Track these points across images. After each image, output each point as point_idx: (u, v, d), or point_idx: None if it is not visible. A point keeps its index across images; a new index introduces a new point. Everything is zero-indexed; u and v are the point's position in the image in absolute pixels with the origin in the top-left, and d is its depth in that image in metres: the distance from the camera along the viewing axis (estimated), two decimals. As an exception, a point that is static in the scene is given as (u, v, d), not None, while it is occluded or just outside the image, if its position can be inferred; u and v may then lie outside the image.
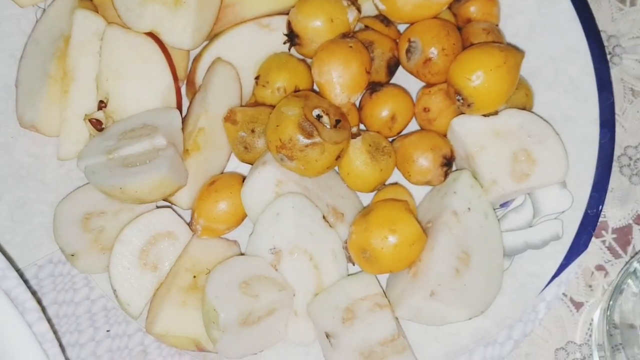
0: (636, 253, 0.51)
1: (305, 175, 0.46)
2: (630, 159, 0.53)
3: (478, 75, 0.46)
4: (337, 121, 0.46)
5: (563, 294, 0.50)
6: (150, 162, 0.45)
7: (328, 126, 0.45)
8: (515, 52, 0.47)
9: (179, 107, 0.51)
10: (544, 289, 0.47)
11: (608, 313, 0.46)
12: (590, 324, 0.50)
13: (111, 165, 0.45)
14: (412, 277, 0.44)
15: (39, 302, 0.45)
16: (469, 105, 0.47)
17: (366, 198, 0.50)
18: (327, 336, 0.43)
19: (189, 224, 0.48)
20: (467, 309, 0.43)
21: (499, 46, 0.47)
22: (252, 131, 0.48)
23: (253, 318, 0.43)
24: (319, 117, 0.45)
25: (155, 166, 0.44)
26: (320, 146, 0.44)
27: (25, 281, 0.45)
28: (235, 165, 0.51)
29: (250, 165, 0.50)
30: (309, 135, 0.44)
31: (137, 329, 0.46)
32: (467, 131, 0.47)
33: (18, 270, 0.45)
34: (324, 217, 0.46)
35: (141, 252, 0.46)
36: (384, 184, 0.50)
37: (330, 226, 0.46)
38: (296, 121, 0.44)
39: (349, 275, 0.47)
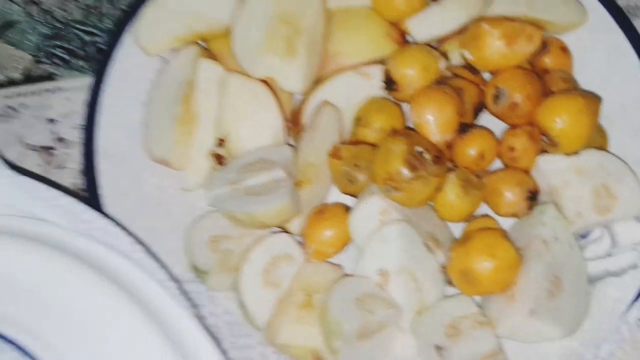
0: None
1: (408, 205, 0.52)
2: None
3: (564, 119, 0.51)
4: (437, 157, 0.51)
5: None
6: (273, 191, 0.51)
7: (429, 161, 0.51)
8: (595, 99, 0.53)
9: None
10: (626, 312, 0.51)
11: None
12: (667, 346, 0.54)
13: (237, 194, 0.51)
14: (509, 299, 0.49)
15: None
16: (554, 145, 0.52)
17: (455, 228, 0.56)
18: (438, 348, 0.47)
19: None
20: (561, 328, 0.48)
21: (581, 93, 0.52)
22: (356, 165, 0.54)
23: (368, 332, 0.48)
24: (420, 153, 0.51)
25: (279, 195, 0.50)
26: (424, 179, 0.50)
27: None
28: (336, 196, 0.57)
29: (349, 196, 0.55)
30: (414, 169, 0.50)
31: (258, 342, 0.51)
32: (552, 168, 0.53)
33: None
34: (424, 243, 0.51)
35: (264, 272, 0.51)
36: (473, 215, 0.55)
37: (430, 251, 0.51)
38: (402, 156, 0.50)
39: (445, 296, 0.52)
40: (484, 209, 0.56)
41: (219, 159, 0.55)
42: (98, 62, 0.58)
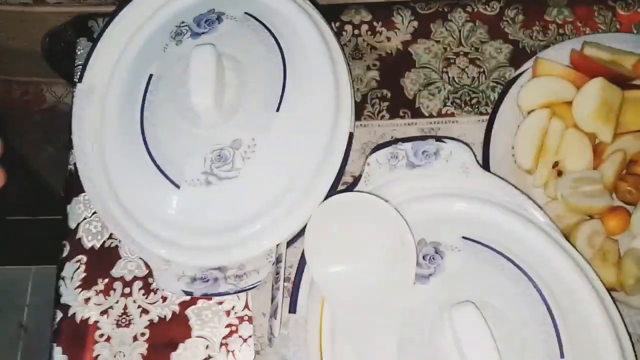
0: None
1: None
2: None
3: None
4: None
5: None
6: (599, 197, 0.95)
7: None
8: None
9: (588, 169, 1.02)
10: None
11: None
12: None
13: (578, 194, 0.96)
14: None
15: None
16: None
17: None
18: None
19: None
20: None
21: None
22: (634, 188, 0.99)
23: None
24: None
25: (604, 200, 0.95)
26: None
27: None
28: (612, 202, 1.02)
29: (623, 203, 1.00)
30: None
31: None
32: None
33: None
34: None
35: (587, 237, 0.96)
36: None
37: None
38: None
39: None
40: None
41: (559, 173, 1.00)
42: (493, 106, 1.04)
